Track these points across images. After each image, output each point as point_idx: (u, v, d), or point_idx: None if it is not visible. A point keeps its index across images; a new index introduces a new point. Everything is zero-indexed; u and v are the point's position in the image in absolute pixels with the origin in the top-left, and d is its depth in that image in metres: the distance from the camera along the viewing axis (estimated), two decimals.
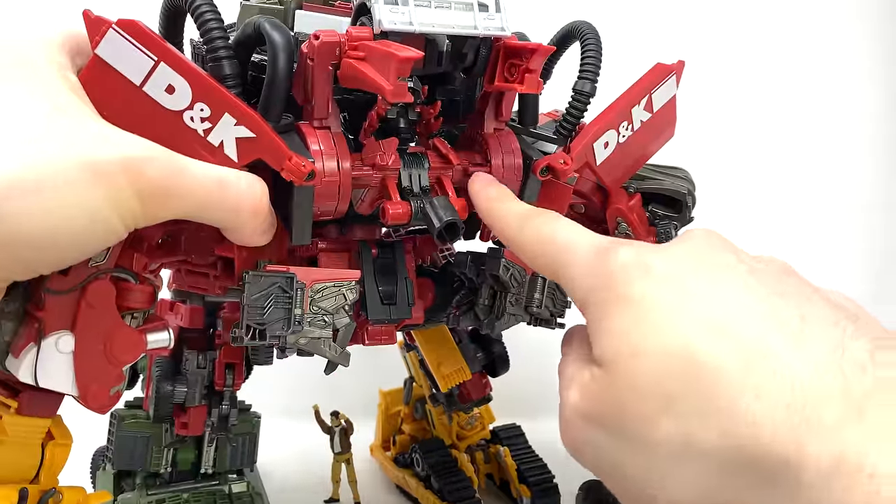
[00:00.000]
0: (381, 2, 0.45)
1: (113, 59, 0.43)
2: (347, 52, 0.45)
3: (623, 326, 0.38)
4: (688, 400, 0.35)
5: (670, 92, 0.62)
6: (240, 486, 0.79)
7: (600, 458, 0.39)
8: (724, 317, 0.36)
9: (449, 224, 0.50)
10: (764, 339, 0.35)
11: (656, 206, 0.67)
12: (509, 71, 0.50)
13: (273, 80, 0.46)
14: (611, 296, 0.39)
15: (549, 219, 0.47)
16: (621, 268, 0.39)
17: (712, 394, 0.34)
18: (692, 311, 0.36)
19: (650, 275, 0.38)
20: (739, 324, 0.35)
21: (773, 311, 0.36)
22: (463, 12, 0.47)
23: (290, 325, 0.50)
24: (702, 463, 0.35)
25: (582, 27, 0.57)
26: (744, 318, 0.36)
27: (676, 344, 0.35)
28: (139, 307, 0.48)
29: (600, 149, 0.58)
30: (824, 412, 0.32)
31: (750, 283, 0.38)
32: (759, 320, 0.35)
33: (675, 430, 0.35)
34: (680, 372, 0.35)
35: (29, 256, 0.40)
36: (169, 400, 0.71)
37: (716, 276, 0.38)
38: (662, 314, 0.37)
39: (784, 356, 0.34)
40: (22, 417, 0.49)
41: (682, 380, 0.35)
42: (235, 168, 0.45)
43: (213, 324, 0.74)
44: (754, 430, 0.33)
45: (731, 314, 0.36)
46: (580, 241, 0.44)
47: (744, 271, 0.39)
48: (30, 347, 0.45)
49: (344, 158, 0.49)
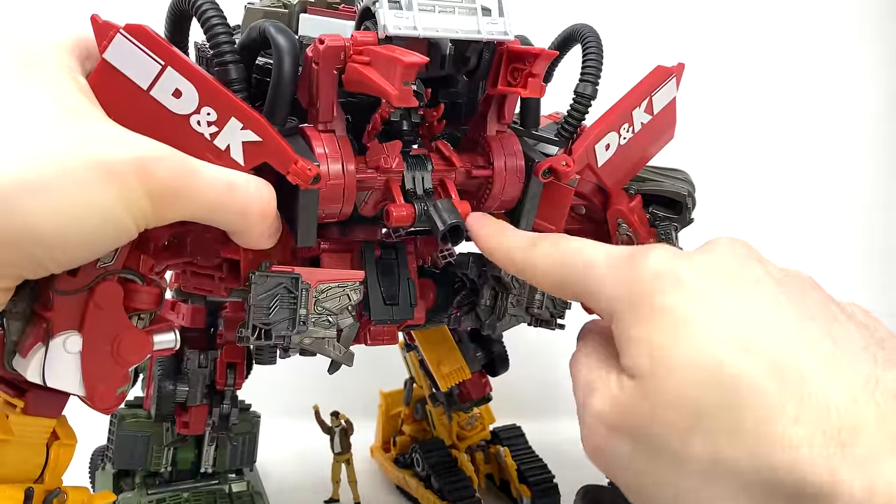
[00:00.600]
0: (385, 6, 0.45)
1: (121, 64, 0.43)
2: (352, 56, 0.46)
3: (657, 339, 0.37)
4: (721, 418, 0.34)
5: (670, 94, 0.63)
6: (240, 485, 0.79)
7: (624, 468, 0.39)
8: (757, 336, 0.36)
9: (453, 227, 0.51)
10: (798, 361, 0.34)
11: (657, 207, 0.68)
12: (512, 75, 0.51)
13: (278, 84, 0.47)
14: (643, 305, 0.39)
15: (558, 238, 0.47)
16: (653, 276, 0.39)
17: (747, 414, 0.34)
18: (726, 329, 0.36)
19: (682, 287, 0.38)
20: (773, 344, 0.35)
21: (805, 332, 0.36)
22: (466, 16, 0.48)
23: (296, 326, 0.50)
24: (730, 483, 0.34)
25: (583, 30, 0.58)
26: (777, 338, 0.36)
27: (712, 361, 0.35)
28: (146, 308, 0.48)
29: (601, 150, 0.58)
30: (859, 440, 0.32)
31: (780, 300, 0.38)
32: (791, 341, 0.35)
33: (705, 448, 0.35)
34: (715, 389, 0.35)
35: (40, 255, 0.40)
36: (170, 399, 0.71)
37: (746, 293, 0.38)
38: (697, 329, 0.36)
39: (819, 380, 0.34)
40: (28, 417, 0.49)
41: (718, 397, 0.35)
42: (243, 172, 0.45)
43: (215, 323, 0.75)
44: (792, 455, 0.32)
45: (765, 333, 0.36)
46: (598, 254, 0.44)
47: (772, 286, 0.38)
48: (38, 347, 0.45)
49: (349, 162, 0.49)
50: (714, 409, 0.35)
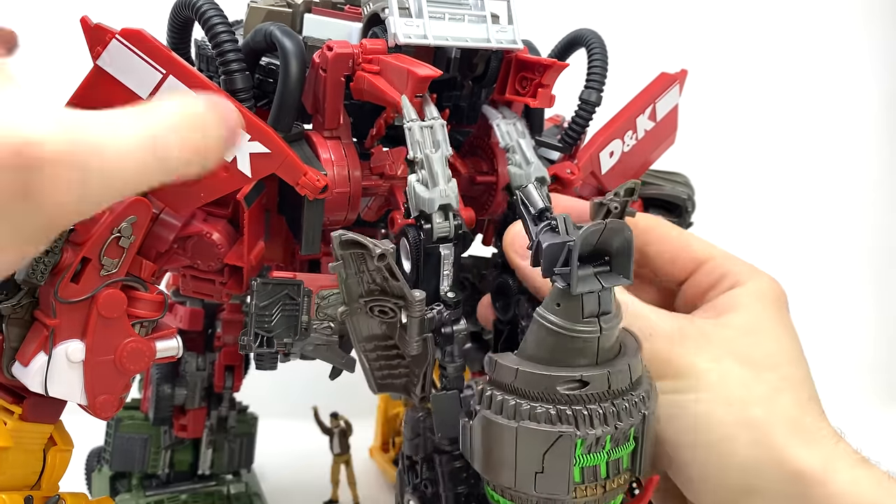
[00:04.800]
0: (395, 14, 0.45)
1: (117, 72, 0.41)
2: (361, 64, 0.45)
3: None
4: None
5: (673, 101, 0.63)
6: (238, 486, 0.79)
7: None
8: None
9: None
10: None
11: (656, 210, 0.68)
12: (521, 83, 0.50)
13: (284, 89, 0.46)
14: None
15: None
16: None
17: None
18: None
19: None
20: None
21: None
22: (476, 24, 0.47)
23: (298, 332, 0.50)
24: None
25: (588, 36, 0.58)
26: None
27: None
28: (149, 316, 0.47)
29: (605, 158, 0.59)
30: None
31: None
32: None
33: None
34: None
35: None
36: (169, 402, 0.71)
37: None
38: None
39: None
40: (26, 423, 0.49)
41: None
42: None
43: (213, 325, 0.74)
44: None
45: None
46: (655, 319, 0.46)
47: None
48: (40, 356, 0.45)
49: (354, 168, 0.49)
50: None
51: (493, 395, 0.38)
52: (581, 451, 0.37)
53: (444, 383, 0.44)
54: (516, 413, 0.37)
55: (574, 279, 0.35)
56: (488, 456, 0.39)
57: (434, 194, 0.44)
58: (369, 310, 0.42)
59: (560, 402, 0.37)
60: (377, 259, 0.39)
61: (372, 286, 0.41)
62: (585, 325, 0.37)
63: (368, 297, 0.41)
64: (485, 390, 0.39)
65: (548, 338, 0.38)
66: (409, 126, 0.44)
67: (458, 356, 0.44)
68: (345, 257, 0.40)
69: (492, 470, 0.39)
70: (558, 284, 0.36)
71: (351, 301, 0.41)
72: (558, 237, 0.38)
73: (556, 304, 0.37)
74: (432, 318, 0.43)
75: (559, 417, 0.37)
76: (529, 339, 0.38)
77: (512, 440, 0.37)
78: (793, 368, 0.45)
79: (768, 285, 0.49)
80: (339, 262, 0.40)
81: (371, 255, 0.39)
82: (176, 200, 0.46)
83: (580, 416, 0.37)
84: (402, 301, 0.41)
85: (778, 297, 0.49)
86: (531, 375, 0.37)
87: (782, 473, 0.41)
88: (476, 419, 0.39)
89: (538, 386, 0.37)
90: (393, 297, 0.41)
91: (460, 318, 0.44)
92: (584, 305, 0.37)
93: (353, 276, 0.41)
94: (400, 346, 0.43)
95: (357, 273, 0.41)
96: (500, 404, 0.38)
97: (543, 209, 0.41)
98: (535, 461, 0.37)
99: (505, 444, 0.38)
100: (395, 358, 0.44)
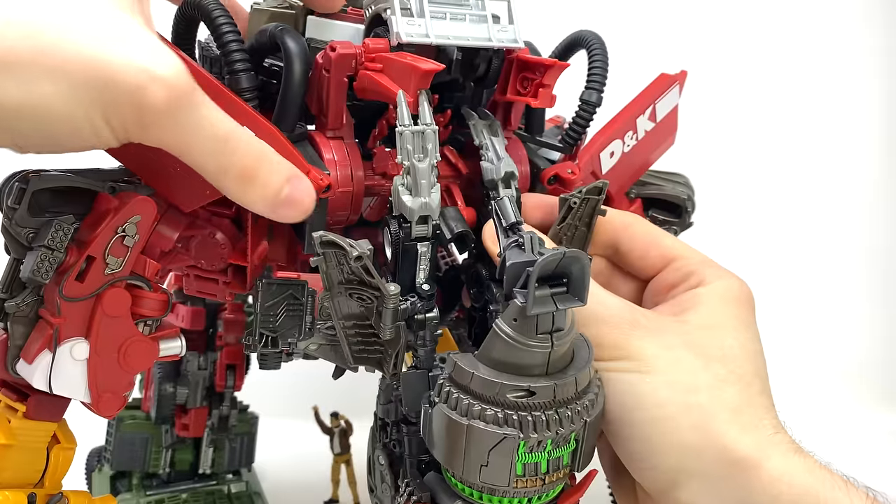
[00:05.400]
0: (398, 14, 0.45)
1: None
2: (364, 63, 0.46)
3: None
4: None
5: (673, 101, 0.63)
6: (238, 485, 0.80)
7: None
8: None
9: (460, 235, 0.51)
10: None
11: (656, 211, 0.68)
12: (522, 83, 0.51)
13: (288, 89, 0.47)
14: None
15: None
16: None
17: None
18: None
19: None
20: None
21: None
22: (477, 24, 0.48)
23: (302, 332, 0.50)
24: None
25: (588, 37, 0.58)
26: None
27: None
28: (153, 315, 0.47)
29: (606, 158, 0.59)
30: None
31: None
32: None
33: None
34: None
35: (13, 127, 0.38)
36: (171, 401, 0.71)
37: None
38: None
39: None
40: (30, 421, 0.49)
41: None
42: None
43: (214, 324, 0.74)
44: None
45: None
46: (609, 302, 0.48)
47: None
48: (44, 354, 0.45)
49: (357, 168, 0.49)
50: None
51: (451, 391, 0.42)
52: (523, 451, 0.41)
53: (415, 362, 0.48)
54: (468, 412, 0.41)
55: (530, 302, 0.39)
56: (442, 443, 0.43)
57: (415, 205, 0.45)
58: (349, 294, 0.44)
59: (508, 407, 0.41)
60: (354, 260, 0.42)
61: (351, 276, 0.43)
62: (538, 340, 0.40)
63: (348, 284, 0.44)
64: (443, 385, 0.43)
65: (503, 347, 0.41)
66: (401, 131, 0.45)
67: (430, 341, 0.47)
68: (325, 254, 0.42)
69: (445, 456, 0.43)
70: (517, 301, 0.39)
71: (331, 287, 0.44)
72: (523, 255, 0.41)
73: (514, 320, 0.40)
74: (406, 308, 0.45)
75: (505, 421, 0.41)
76: (487, 345, 0.42)
77: (463, 435, 0.41)
78: (745, 363, 0.47)
79: (733, 286, 0.50)
80: (319, 256, 0.43)
81: (350, 257, 0.42)
82: (181, 197, 0.47)
83: (525, 421, 0.41)
84: (378, 292, 0.43)
85: (742, 298, 0.50)
86: (485, 381, 0.41)
87: (718, 457, 0.43)
88: (434, 410, 0.43)
89: (490, 391, 0.41)
90: (370, 287, 0.43)
91: (433, 308, 0.47)
92: (538, 323, 0.40)
93: (334, 268, 0.43)
94: (375, 328, 0.45)
95: (337, 265, 0.43)
96: (456, 401, 0.42)
97: (515, 223, 0.44)
98: (481, 456, 0.41)
99: (456, 436, 0.42)
100: (371, 336, 0.46)
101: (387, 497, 0.52)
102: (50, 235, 0.43)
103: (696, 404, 0.44)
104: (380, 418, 0.54)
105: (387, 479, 0.52)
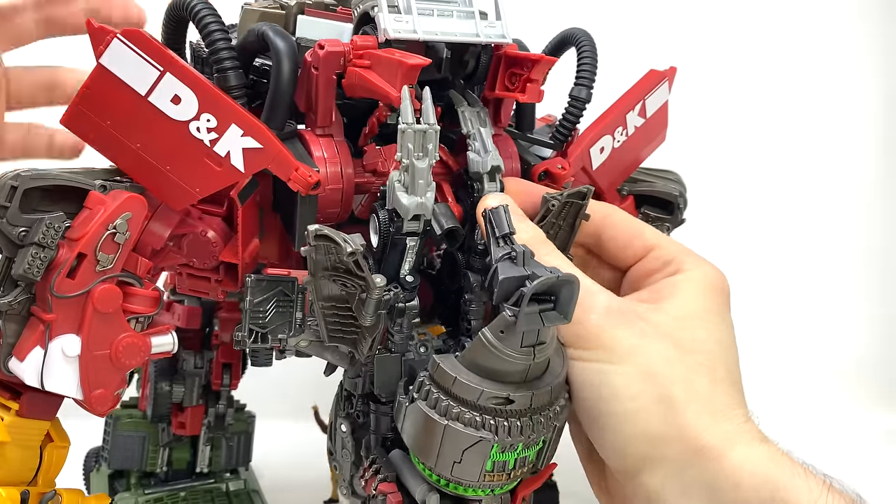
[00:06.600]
0: (385, 11, 0.45)
1: (117, 69, 0.43)
2: (353, 60, 0.46)
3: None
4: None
5: (663, 98, 0.63)
6: (236, 484, 0.80)
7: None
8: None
9: (450, 231, 0.51)
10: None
11: (648, 207, 0.68)
12: (510, 79, 0.51)
13: (277, 88, 0.47)
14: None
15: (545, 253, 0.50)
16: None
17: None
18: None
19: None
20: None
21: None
22: (464, 20, 0.48)
23: (292, 329, 0.51)
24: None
25: (578, 34, 0.58)
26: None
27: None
28: (144, 311, 0.48)
29: (596, 154, 0.59)
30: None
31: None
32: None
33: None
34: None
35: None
36: (167, 399, 0.71)
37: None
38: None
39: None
40: (23, 420, 0.49)
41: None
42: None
43: (210, 323, 0.75)
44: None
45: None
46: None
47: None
48: (36, 351, 0.45)
49: (347, 166, 0.50)
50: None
51: (431, 391, 0.44)
52: (496, 451, 0.43)
53: (389, 345, 0.49)
54: (447, 413, 0.43)
55: (521, 321, 0.40)
56: (417, 437, 0.45)
57: (411, 203, 0.46)
58: (332, 280, 0.45)
59: (486, 412, 0.43)
60: (347, 255, 0.42)
61: (338, 266, 0.44)
62: (521, 353, 0.42)
63: (334, 272, 0.45)
64: (424, 383, 0.44)
65: (487, 355, 0.42)
66: (403, 129, 0.45)
67: (406, 328, 0.48)
68: (318, 246, 0.43)
69: (418, 449, 0.45)
70: (506, 315, 0.41)
71: (316, 272, 0.45)
72: (514, 269, 0.42)
73: (500, 331, 0.42)
74: (388, 299, 0.46)
75: (482, 425, 0.42)
76: (471, 349, 0.43)
77: (439, 433, 0.43)
78: (717, 354, 0.48)
79: (709, 275, 0.51)
80: (310, 247, 0.43)
81: (342, 252, 0.42)
82: (172, 196, 0.47)
83: (501, 426, 0.43)
84: (363, 283, 0.44)
85: (718, 286, 0.51)
86: (465, 385, 0.43)
87: (684, 446, 0.45)
88: (413, 405, 0.44)
89: (470, 395, 0.43)
90: (357, 278, 0.44)
91: (414, 297, 0.49)
92: (524, 338, 0.42)
93: (323, 256, 0.44)
94: (356, 313, 0.46)
95: (326, 255, 0.44)
96: (436, 401, 0.43)
97: (507, 234, 0.45)
98: (455, 454, 0.43)
99: (432, 434, 0.43)
100: (349, 318, 0.47)
101: (346, 462, 0.54)
102: (41, 233, 0.44)
103: (668, 396, 0.45)
104: (346, 389, 0.56)
105: (348, 447, 0.54)
